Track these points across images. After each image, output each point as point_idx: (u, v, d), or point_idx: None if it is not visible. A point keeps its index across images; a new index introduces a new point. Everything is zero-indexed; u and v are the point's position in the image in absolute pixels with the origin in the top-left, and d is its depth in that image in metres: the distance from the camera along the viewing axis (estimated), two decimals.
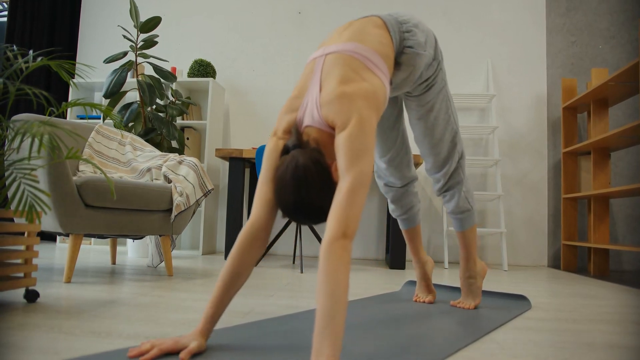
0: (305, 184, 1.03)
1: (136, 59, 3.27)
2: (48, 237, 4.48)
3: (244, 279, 1.10)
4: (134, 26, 3.21)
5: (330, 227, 0.96)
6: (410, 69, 1.35)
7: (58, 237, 4.15)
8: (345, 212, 0.97)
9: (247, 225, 1.12)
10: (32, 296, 1.52)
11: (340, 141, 1.05)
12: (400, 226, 1.78)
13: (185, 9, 4.34)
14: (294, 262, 3.34)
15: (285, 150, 1.10)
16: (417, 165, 3.44)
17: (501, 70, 3.95)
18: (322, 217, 1.07)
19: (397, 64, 1.34)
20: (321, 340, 0.84)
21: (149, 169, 2.48)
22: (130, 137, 2.72)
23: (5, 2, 4.72)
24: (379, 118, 1.17)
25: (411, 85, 1.42)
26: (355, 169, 1.01)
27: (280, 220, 4.02)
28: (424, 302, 1.77)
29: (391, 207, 1.75)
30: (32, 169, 1.34)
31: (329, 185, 1.06)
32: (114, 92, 3.09)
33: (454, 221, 1.67)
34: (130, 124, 3.33)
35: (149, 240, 2.65)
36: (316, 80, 1.17)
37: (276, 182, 1.06)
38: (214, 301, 1.06)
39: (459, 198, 1.61)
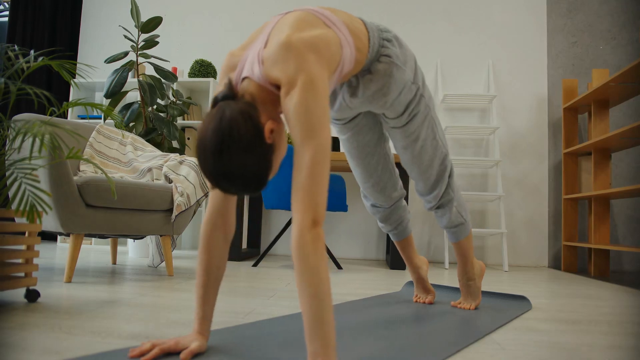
0: (229, 141, 0.87)
1: (137, 59, 3.27)
2: (49, 236, 4.49)
3: (220, 273, 1.07)
4: (135, 26, 3.21)
5: (297, 215, 0.87)
6: (386, 80, 1.23)
7: (59, 237, 4.15)
8: (311, 196, 0.87)
9: (205, 215, 1.07)
10: (32, 296, 1.52)
11: (292, 108, 0.91)
12: (392, 238, 1.75)
13: (186, 9, 4.34)
14: None
15: (214, 103, 0.95)
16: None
17: (502, 71, 3.95)
18: (252, 186, 0.91)
19: (370, 72, 1.23)
20: (314, 343, 0.82)
21: (149, 169, 2.48)
22: (131, 137, 2.72)
23: (7, 2, 4.72)
24: (331, 75, 1.05)
25: (385, 105, 1.29)
26: (313, 142, 0.90)
27: (280, 221, 4.02)
28: (424, 302, 1.77)
29: (380, 224, 1.71)
30: (33, 169, 1.34)
31: (260, 147, 0.90)
32: (115, 92, 3.10)
33: (448, 234, 1.65)
34: (131, 124, 3.34)
35: (150, 240, 2.66)
36: (264, 35, 1.04)
37: (197, 140, 0.91)
38: (199, 302, 1.05)
39: (450, 214, 1.57)
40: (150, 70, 4.35)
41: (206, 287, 1.05)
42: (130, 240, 3.32)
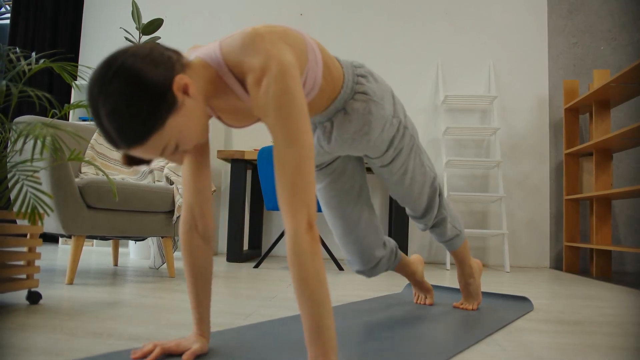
0: (126, 63, 0.78)
1: None
2: (50, 238, 4.49)
3: (207, 273, 1.06)
4: (136, 28, 3.21)
5: (290, 218, 0.82)
6: (365, 119, 1.15)
7: (60, 239, 4.16)
8: (302, 196, 0.82)
9: (181, 216, 1.06)
10: (34, 298, 1.52)
11: (272, 97, 0.83)
12: None
13: (187, 10, 4.35)
14: None
15: None
16: None
17: (503, 72, 3.95)
18: (124, 132, 0.78)
19: (346, 112, 1.15)
20: (315, 347, 0.81)
21: (150, 171, 2.49)
22: None
23: (8, 4, 4.74)
24: (301, 74, 0.96)
25: (368, 144, 1.21)
26: (298, 137, 0.83)
27: (281, 223, 4.02)
28: (424, 303, 1.76)
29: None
30: (35, 171, 1.35)
31: (157, 92, 0.78)
32: None
33: (444, 245, 1.64)
34: None
35: (151, 242, 2.66)
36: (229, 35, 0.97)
37: None
38: (193, 304, 1.05)
39: (445, 230, 1.55)
40: None
41: (196, 290, 1.05)
42: (131, 242, 3.32)
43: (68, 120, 4.16)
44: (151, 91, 0.78)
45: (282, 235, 3.01)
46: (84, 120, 4.15)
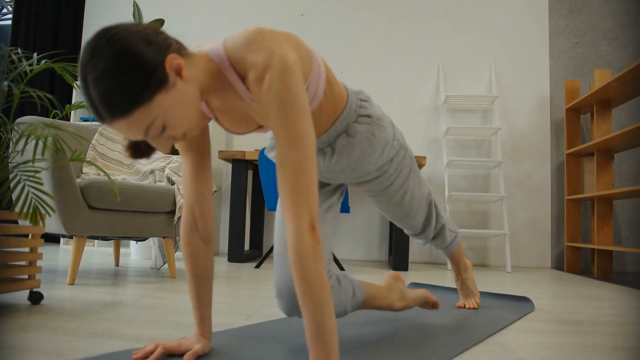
0: (120, 35, 0.77)
1: None
2: (52, 238, 4.50)
3: (208, 273, 1.06)
4: None
5: (292, 218, 0.80)
6: (369, 141, 1.13)
7: (62, 239, 4.16)
8: (304, 197, 0.81)
9: (182, 218, 1.06)
10: (36, 298, 1.53)
11: (272, 101, 0.82)
12: None
13: (187, 10, 4.35)
14: None
15: None
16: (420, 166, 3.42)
17: (504, 72, 3.95)
18: (109, 98, 0.76)
19: (349, 135, 1.12)
20: (316, 349, 0.80)
21: (152, 171, 2.49)
22: None
23: (10, 5, 4.74)
24: (305, 77, 0.94)
25: (368, 166, 1.18)
26: (301, 137, 0.82)
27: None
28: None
29: None
30: (36, 171, 1.35)
31: (146, 65, 0.77)
32: None
33: (444, 251, 1.63)
34: None
35: (152, 242, 2.66)
36: None
37: None
38: (194, 304, 1.05)
39: (445, 236, 1.55)
40: None
41: (197, 290, 1.05)
42: (132, 242, 3.32)
43: (69, 120, 4.17)
44: (142, 64, 0.77)
45: None
46: (86, 120, 4.15)
